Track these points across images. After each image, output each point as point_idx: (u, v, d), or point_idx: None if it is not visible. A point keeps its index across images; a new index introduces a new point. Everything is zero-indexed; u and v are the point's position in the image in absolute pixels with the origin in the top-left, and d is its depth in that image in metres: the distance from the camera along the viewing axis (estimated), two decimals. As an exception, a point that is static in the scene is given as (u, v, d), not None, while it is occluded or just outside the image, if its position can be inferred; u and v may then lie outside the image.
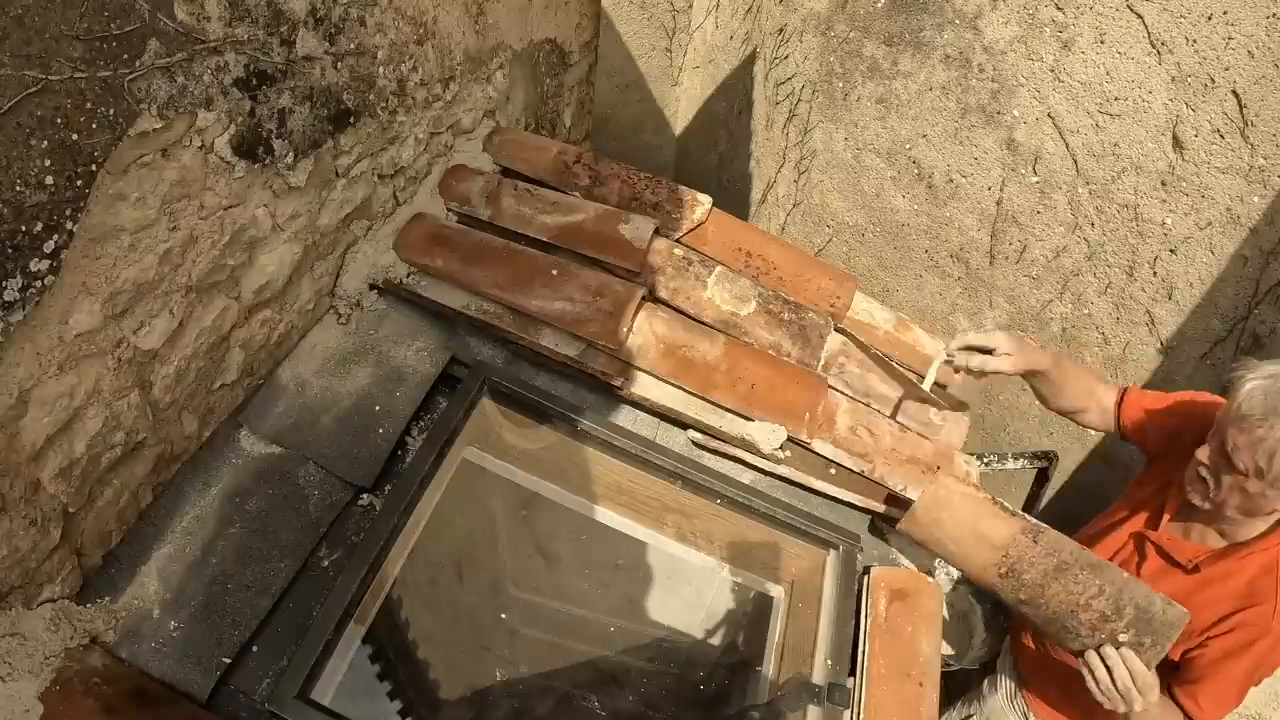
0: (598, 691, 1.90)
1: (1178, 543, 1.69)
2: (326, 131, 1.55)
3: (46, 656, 1.18)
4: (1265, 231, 2.47)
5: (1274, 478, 1.44)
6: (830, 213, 3.48)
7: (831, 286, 1.99)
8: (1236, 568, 1.60)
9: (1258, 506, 1.52)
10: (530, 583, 2.03)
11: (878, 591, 1.63)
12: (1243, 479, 1.48)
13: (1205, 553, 1.64)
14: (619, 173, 2.00)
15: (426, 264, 1.80)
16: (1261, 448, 1.43)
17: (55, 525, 1.21)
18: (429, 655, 1.80)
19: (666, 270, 1.88)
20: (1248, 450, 1.45)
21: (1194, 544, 1.68)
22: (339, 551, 1.48)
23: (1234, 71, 2.33)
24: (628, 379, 1.76)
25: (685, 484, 1.71)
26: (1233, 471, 1.49)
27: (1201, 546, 1.66)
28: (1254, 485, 1.48)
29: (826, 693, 1.50)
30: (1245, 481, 1.48)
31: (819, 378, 1.84)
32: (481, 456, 1.84)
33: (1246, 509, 1.54)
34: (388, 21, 1.63)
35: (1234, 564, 1.60)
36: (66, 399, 1.17)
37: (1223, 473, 1.52)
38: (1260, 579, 1.57)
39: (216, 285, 1.41)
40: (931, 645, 1.58)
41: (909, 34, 2.90)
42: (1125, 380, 2.94)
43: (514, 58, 2.23)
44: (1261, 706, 2.30)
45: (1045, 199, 2.87)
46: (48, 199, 1.05)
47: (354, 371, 1.67)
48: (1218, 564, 1.62)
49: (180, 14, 1.16)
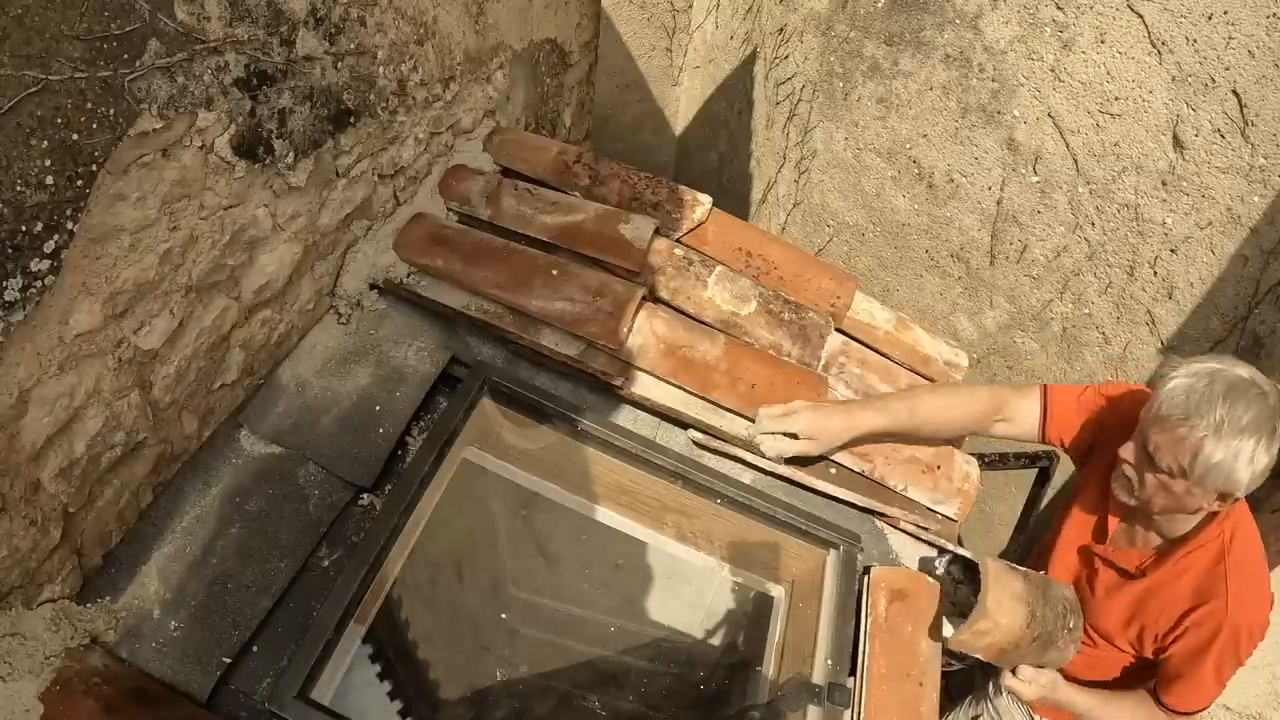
0: (598, 691, 1.90)
1: (1123, 552, 1.69)
2: (327, 131, 1.55)
3: (47, 656, 1.18)
4: (1265, 231, 2.47)
5: (1198, 477, 1.42)
6: (830, 212, 3.48)
7: (832, 286, 1.99)
8: (1183, 566, 1.60)
9: (1183, 505, 1.51)
10: (530, 583, 2.03)
11: (878, 591, 1.62)
12: (1167, 478, 1.47)
13: (1150, 557, 1.64)
14: (619, 173, 2.00)
15: (427, 264, 1.80)
16: (1183, 447, 1.41)
17: (55, 525, 1.21)
18: (429, 655, 1.80)
19: (667, 270, 1.88)
20: (1169, 450, 1.43)
21: (1138, 550, 1.67)
22: (339, 551, 1.48)
23: (1234, 71, 2.33)
24: (628, 379, 1.76)
25: (685, 484, 1.71)
26: (1155, 471, 1.48)
27: (1146, 551, 1.66)
28: (1178, 485, 1.46)
29: (826, 693, 1.50)
30: (1170, 481, 1.47)
31: (819, 377, 1.84)
32: (481, 456, 1.84)
33: (1172, 507, 1.53)
34: (388, 21, 1.63)
35: (1179, 563, 1.60)
36: (66, 399, 1.17)
37: (1145, 471, 1.50)
38: (1206, 575, 1.57)
39: (217, 285, 1.41)
40: (931, 645, 1.57)
41: (909, 34, 2.90)
42: (1126, 380, 2.93)
43: (514, 58, 2.23)
44: (1262, 706, 2.30)
45: (1046, 199, 2.87)
46: (48, 199, 1.05)
47: (354, 371, 1.67)
48: (1163, 566, 1.62)
49: (180, 14, 1.16)
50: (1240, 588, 1.54)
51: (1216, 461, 1.39)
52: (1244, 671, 2.27)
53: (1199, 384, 1.41)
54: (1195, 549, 1.58)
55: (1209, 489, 1.44)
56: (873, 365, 1.98)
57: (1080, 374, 3.06)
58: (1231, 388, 1.39)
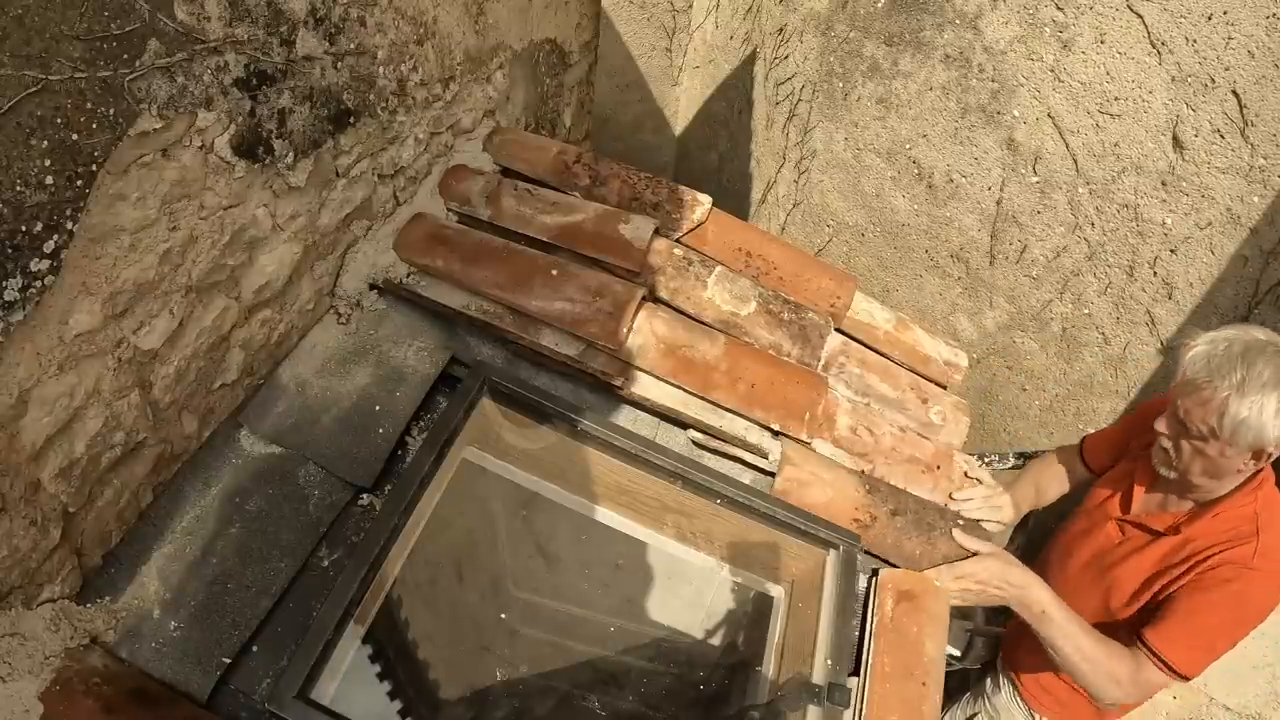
0: (598, 691, 1.90)
1: (1154, 515, 1.72)
2: (326, 131, 1.55)
3: (46, 656, 1.18)
4: (1265, 231, 2.47)
5: (1229, 436, 1.49)
6: (830, 213, 3.48)
7: (831, 286, 1.99)
8: (1218, 522, 1.61)
9: (1220, 468, 1.56)
10: (530, 583, 2.03)
11: (885, 592, 1.63)
12: (1201, 443, 1.54)
13: (1183, 516, 1.67)
14: (619, 173, 2.00)
15: (426, 264, 1.80)
16: (1210, 408, 1.49)
17: (55, 525, 1.21)
18: (429, 655, 1.80)
19: (666, 270, 1.87)
20: (1198, 413, 1.51)
21: (1170, 513, 1.71)
22: (339, 551, 1.48)
23: (1234, 71, 2.33)
24: (628, 379, 1.76)
25: (685, 484, 1.70)
26: (1189, 437, 1.55)
27: (1179, 512, 1.69)
28: (1212, 447, 1.53)
29: (826, 693, 1.50)
30: (1204, 445, 1.53)
31: (819, 377, 1.84)
32: (481, 456, 1.84)
33: (1211, 471, 1.58)
34: (388, 21, 1.63)
35: (1213, 520, 1.62)
36: (66, 399, 1.17)
37: (1181, 439, 1.57)
38: (1241, 525, 1.59)
39: (216, 285, 1.41)
40: (936, 646, 1.58)
41: (909, 34, 2.90)
42: (1125, 380, 2.94)
43: (514, 58, 2.23)
44: (1261, 706, 2.30)
45: (1045, 199, 2.87)
46: (48, 199, 1.05)
47: (354, 371, 1.67)
48: (1196, 522, 1.64)
49: (180, 14, 1.16)
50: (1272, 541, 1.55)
51: (1244, 418, 1.46)
52: (1244, 671, 2.28)
53: (1218, 349, 1.50)
54: (1231, 507, 1.60)
55: (1241, 447, 1.50)
56: (872, 365, 1.98)
57: (1080, 374, 3.06)
58: (1249, 348, 1.47)
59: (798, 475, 1.70)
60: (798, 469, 1.71)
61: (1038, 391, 3.24)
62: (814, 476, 1.71)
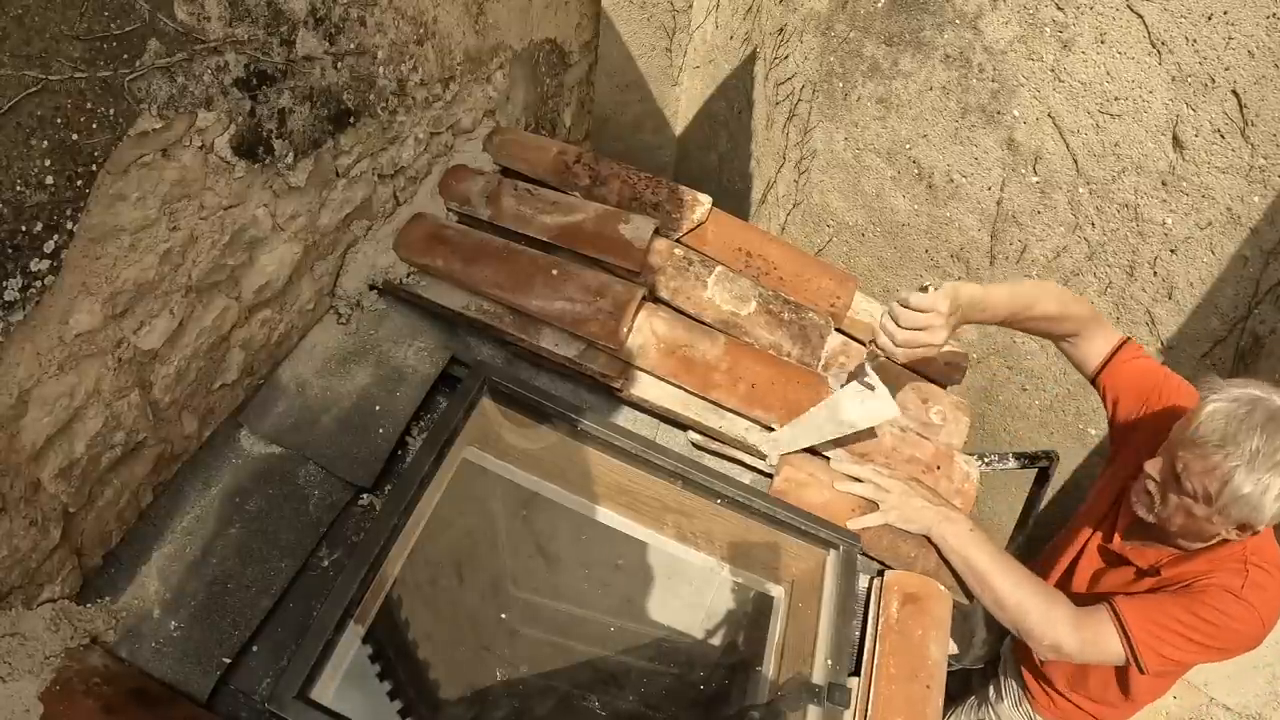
0: (598, 691, 1.90)
1: (1137, 550, 1.67)
2: (326, 131, 1.55)
3: (46, 656, 1.18)
4: (1265, 231, 2.47)
5: (1221, 506, 1.39)
6: (830, 213, 3.48)
7: (832, 286, 1.99)
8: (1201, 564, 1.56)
9: (1201, 530, 1.48)
10: (530, 583, 2.03)
11: (890, 593, 1.63)
12: (1190, 501, 1.43)
13: (1165, 558, 1.62)
14: (619, 173, 2.00)
15: (426, 264, 1.80)
16: (1214, 475, 1.38)
17: (55, 525, 1.21)
18: (429, 655, 1.80)
19: (667, 270, 1.88)
20: (1199, 476, 1.40)
21: (1154, 550, 1.65)
22: (339, 551, 1.48)
23: (1234, 71, 2.33)
24: (628, 379, 1.76)
25: (685, 484, 1.70)
26: (1180, 492, 1.44)
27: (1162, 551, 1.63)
28: (1200, 509, 1.43)
29: (826, 693, 1.50)
30: (1192, 505, 1.44)
31: (819, 377, 1.84)
32: (481, 456, 1.84)
33: (1190, 531, 1.49)
34: (388, 21, 1.63)
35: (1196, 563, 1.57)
36: (66, 399, 1.17)
37: (1170, 491, 1.47)
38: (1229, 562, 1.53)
39: (216, 285, 1.41)
40: (939, 650, 1.58)
41: (909, 34, 2.90)
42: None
43: (514, 58, 2.23)
44: (1261, 706, 2.30)
45: (1045, 199, 2.87)
46: (48, 199, 1.05)
47: (354, 371, 1.67)
48: (1179, 566, 1.59)
49: (180, 14, 1.16)
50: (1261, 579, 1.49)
51: (1245, 494, 1.36)
52: (1244, 671, 2.28)
53: (1239, 410, 1.37)
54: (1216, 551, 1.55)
55: (1231, 518, 1.41)
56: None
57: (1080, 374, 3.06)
58: (1271, 418, 1.36)
59: (795, 475, 1.71)
60: (796, 469, 1.71)
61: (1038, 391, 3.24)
62: (811, 478, 1.71)
